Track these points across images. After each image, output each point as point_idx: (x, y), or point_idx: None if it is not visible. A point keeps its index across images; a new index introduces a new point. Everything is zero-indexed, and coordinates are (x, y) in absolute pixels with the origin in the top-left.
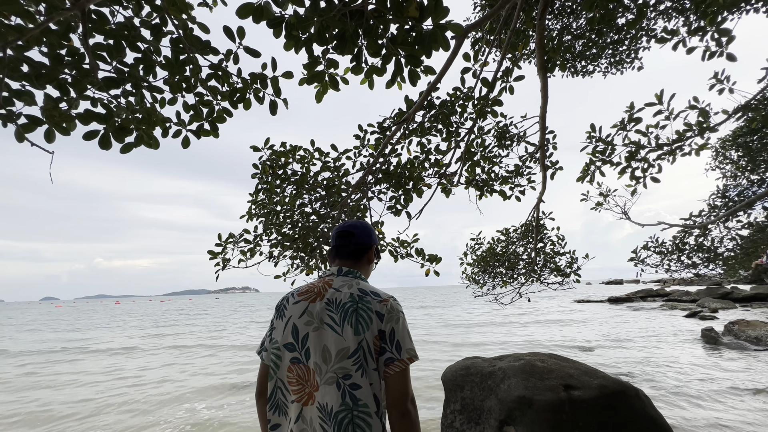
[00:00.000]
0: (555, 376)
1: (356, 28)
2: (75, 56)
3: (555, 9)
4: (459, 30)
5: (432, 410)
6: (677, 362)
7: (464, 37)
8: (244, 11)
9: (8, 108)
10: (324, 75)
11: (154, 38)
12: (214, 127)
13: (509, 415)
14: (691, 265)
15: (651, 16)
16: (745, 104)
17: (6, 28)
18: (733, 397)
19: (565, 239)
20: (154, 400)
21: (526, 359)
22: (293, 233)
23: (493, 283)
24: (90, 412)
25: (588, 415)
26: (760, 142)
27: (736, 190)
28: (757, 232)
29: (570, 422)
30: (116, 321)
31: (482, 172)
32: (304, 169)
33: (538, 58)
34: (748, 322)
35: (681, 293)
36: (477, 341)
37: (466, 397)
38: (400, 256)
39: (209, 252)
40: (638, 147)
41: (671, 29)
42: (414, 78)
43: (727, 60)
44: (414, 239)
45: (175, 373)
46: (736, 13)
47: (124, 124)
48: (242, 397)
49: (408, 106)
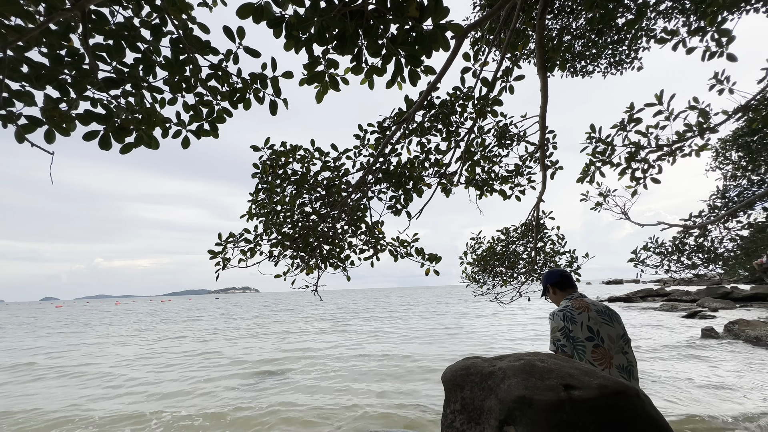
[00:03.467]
0: (555, 376)
1: (356, 28)
2: (75, 57)
3: (555, 9)
4: (459, 30)
5: (433, 410)
6: (677, 362)
7: (464, 37)
8: (244, 11)
9: (8, 109)
10: (324, 75)
11: (154, 38)
12: (214, 127)
13: (509, 414)
14: (691, 266)
15: (651, 16)
16: (745, 105)
17: (6, 28)
18: (733, 397)
19: (564, 238)
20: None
21: (526, 359)
22: (293, 233)
23: (493, 282)
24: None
25: (588, 414)
26: (760, 143)
27: (736, 190)
28: (757, 232)
29: (570, 422)
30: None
31: (482, 172)
32: (304, 169)
33: (538, 58)
34: (748, 322)
35: (681, 293)
36: (477, 340)
37: (466, 397)
38: (400, 256)
39: (209, 251)
40: (638, 148)
41: (671, 29)
42: (414, 78)
43: (727, 60)
44: (414, 239)
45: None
46: (736, 13)
47: (124, 125)
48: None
49: (408, 105)
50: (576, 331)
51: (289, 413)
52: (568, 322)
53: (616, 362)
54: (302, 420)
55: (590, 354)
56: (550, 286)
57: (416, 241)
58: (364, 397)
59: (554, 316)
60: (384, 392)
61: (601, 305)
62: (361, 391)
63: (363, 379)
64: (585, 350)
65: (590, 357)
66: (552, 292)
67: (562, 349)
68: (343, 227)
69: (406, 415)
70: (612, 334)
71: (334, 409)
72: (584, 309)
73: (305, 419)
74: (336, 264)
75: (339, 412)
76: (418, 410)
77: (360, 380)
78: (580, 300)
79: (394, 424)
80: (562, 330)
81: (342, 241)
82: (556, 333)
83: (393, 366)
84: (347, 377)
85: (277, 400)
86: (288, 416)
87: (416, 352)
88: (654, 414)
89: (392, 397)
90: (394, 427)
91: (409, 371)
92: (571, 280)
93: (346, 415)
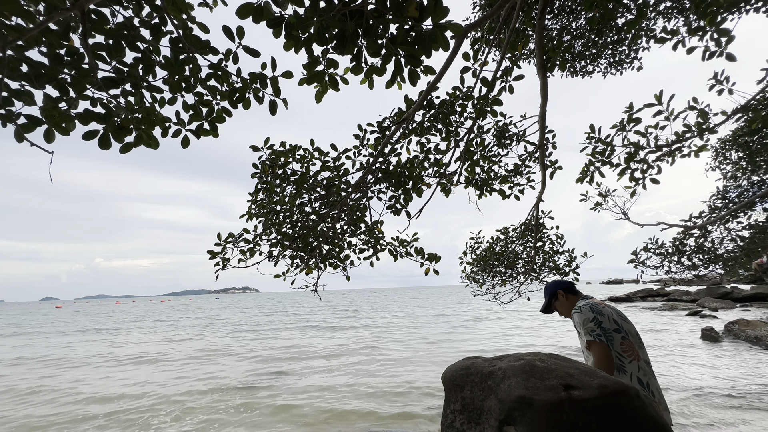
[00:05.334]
0: (555, 376)
1: (356, 27)
2: (74, 56)
3: (554, 9)
4: (458, 30)
5: (432, 410)
6: (677, 362)
7: (464, 37)
8: (243, 11)
9: (8, 108)
10: (324, 75)
11: (154, 38)
12: (214, 126)
13: (509, 414)
14: (691, 267)
15: (651, 16)
16: (744, 105)
17: (6, 28)
18: (733, 397)
19: (564, 238)
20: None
21: (526, 359)
22: (293, 233)
23: (492, 282)
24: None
25: (588, 414)
26: (760, 143)
27: (736, 191)
28: (757, 233)
29: (570, 422)
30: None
31: (482, 172)
32: (303, 169)
33: (538, 58)
34: (748, 322)
35: (681, 293)
36: (477, 340)
37: (466, 397)
38: (400, 256)
39: (209, 252)
40: (638, 148)
41: (671, 29)
42: (414, 78)
43: (726, 60)
44: (414, 238)
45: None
46: (736, 13)
47: (123, 124)
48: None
49: (408, 105)
50: (605, 322)
51: (289, 413)
52: (597, 313)
53: (642, 356)
54: (302, 422)
55: (619, 345)
56: (562, 291)
57: (416, 241)
58: (365, 398)
59: (582, 309)
60: (384, 392)
61: (610, 304)
62: (362, 391)
63: (364, 380)
64: (614, 341)
65: (619, 348)
66: (564, 297)
67: (598, 338)
68: (343, 227)
69: (406, 415)
70: (631, 330)
71: (334, 409)
72: (603, 305)
73: (305, 421)
74: (335, 264)
75: (339, 412)
76: (419, 410)
77: (360, 381)
78: (594, 299)
79: (395, 424)
80: (593, 320)
81: (341, 241)
82: (589, 324)
83: (394, 366)
84: (347, 377)
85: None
86: (288, 417)
87: (417, 352)
88: (654, 414)
89: (393, 397)
90: (395, 427)
91: (409, 370)
92: (576, 288)
93: (346, 416)
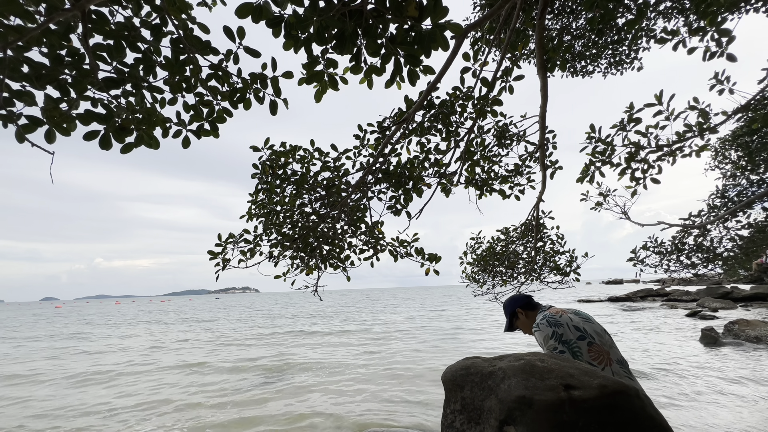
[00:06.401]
0: (555, 376)
1: (355, 27)
2: (75, 57)
3: (555, 9)
4: (458, 30)
5: (432, 410)
6: (677, 362)
7: (464, 37)
8: (243, 11)
9: (9, 109)
10: (323, 75)
11: (154, 38)
12: (214, 127)
13: (509, 414)
14: (690, 265)
15: (651, 16)
16: (744, 105)
17: (6, 28)
18: (733, 397)
19: (564, 238)
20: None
21: (526, 359)
22: (293, 233)
23: (492, 282)
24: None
25: (588, 414)
26: (759, 143)
27: (736, 190)
28: (756, 232)
29: (570, 422)
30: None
31: (482, 172)
32: (304, 169)
33: (538, 58)
34: (748, 322)
35: (681, 293)
36: (477, 340)
37: (466, 397)
38: (400, 256)
39: (209, 252)
40: (638, 148)
41: (671, 29)
42: (413, 78)
43: (727, 60)
44: (414, 239)
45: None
46: (736, 13)
47: (124, 125)
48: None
49: (408, 105)
50: (566, 333)
51: (291, 413)
52: (555, 326)
53: (614, 357)
54: (303, 424)
55: (587, 354)
56: (520, 309)
57: (416, 241)
58: (364, 399)
59: (539, 326)
60: (384, 393)
61: (571, 308)
62: (361, 391)
63: (363, 380)
64: (581, 351)
65: (588, 357)
66: (524, 315)
67: (562, 355)
68: (343, 227)
69: (406, 414)
70: (597, 330)
71: (333, 410)
72: (561, 313)
73: (306, 422)
74: (336, 264)
75: (339, 414)
76: (418, 410)
77: (359, 380)
78: (552, 308)
79: (394, 424)
80: (553, 336)
81: (342, 242)
82: (549, 341)
83: (393, 367)
84: (347, 378)
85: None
86: (288, 417)
87: (416, 353)
88: (654, 414)
89: (392, 397)
90: (395, 427)
91: (408, 371)
92: (534, 300)
93: (347, 417)
